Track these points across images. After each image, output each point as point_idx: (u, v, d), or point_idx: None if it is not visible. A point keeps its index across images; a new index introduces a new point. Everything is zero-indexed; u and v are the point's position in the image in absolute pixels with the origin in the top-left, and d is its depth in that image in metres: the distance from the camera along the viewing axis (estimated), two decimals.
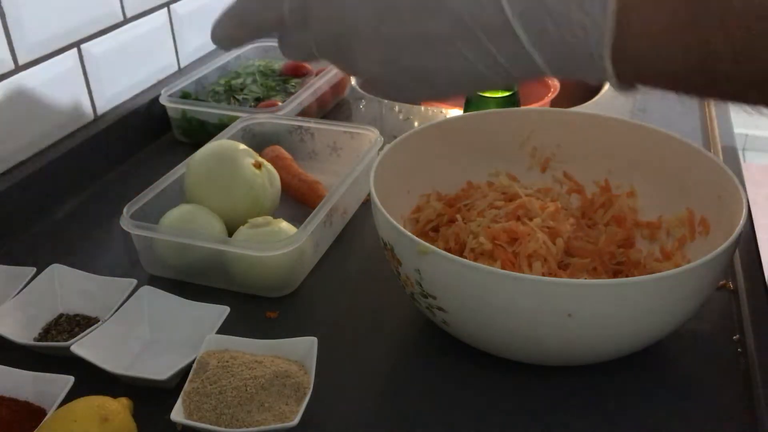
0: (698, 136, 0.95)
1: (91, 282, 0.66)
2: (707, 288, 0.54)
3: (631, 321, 0.52)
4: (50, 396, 0.54)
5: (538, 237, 0.61)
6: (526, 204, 0.64)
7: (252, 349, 0.58)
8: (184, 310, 0.63)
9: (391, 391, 0.58)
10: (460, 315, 0.55)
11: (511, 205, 0.65)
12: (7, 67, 0.78)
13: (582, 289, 0.50)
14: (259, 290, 0.68)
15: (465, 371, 0.60)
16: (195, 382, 0.54)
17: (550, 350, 0.55)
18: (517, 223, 0.62)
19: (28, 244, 0.77)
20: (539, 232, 0.62)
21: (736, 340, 0.62)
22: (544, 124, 0.73)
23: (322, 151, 0.88)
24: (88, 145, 0.87)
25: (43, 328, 0.63)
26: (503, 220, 0.64)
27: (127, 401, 0.53)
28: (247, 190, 0.73)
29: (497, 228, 0.62)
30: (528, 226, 0.62)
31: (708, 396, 0.57)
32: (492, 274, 0.51)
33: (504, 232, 0.61)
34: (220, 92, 1.01)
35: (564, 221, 0.64)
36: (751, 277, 0.67)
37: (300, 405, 0.53)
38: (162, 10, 1.01)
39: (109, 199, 0.85)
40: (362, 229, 0.79)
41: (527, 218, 0.64)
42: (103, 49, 0.91)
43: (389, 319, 0.66)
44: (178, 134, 0.99)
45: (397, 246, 0.56)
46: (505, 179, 0.73)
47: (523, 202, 0.65)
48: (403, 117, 1.06)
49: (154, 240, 0.69)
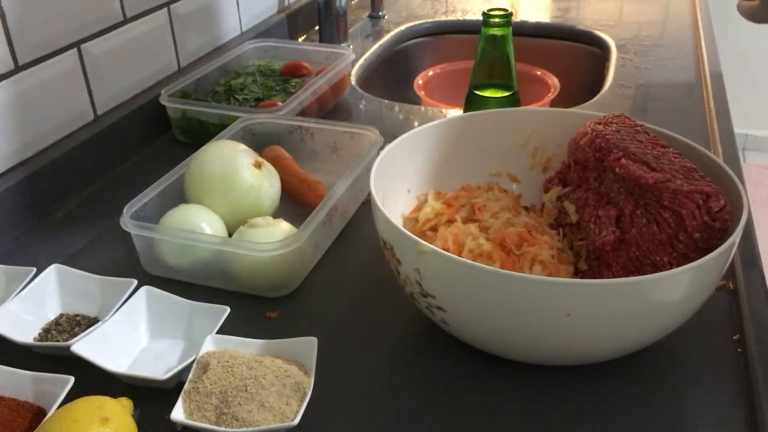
0: (698, 136, 0.95)
1: (91, 282, 0.66)
2: (707, 288, 0.54)
3: (630, 321, 0.52)
4: (50, 396, 0.54)
5: (550, 252, 0.62)
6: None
7: (252, 349, 0.58)
8: (184, 310, 0.63)
9: (391, 391, 0.58)
10: (460, 314, 0.55)
11: (529, 218, 0.66)
12: (7, 67, 0.78)
13: (581, 289, 0.50)
14: (259, 290, 0.68)
15: (465, 371, 0.60)
16: (195, 382, 0.54)
17: (549, 350, 0.55)
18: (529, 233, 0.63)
19: (28, 244, 0.78)
20: (550, 249, 0.62)
21: (736, 340, 0.62)
22: (544, 124, 0.73)
23: (322, 151, 0.88)
24: (88, 145, 0.87)
25: (43, 328, 0.64)
26: (519, 225, 0.64)
27: (127, 401, 0.53)
28: (247, 190, 0.73)
29: (512, 231, 0.62)
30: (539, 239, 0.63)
31: (708, 396, 0.57)
32: (492, 274, 0.51)
33: (517, 236, 0.62)
34: (220, 92, 1.01)
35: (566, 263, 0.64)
36: (751, 277, 0.67)
37: (300, 405, 0.53)
38: (162, 10, 1.01)
39: (109, 199, 0.85)
40: (362, 229, 0.79)
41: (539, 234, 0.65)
42: (103, 49, 0.91)
43: (389, 319, 0.66)
44: (178, 134, 0.99)
45: (396, 246, 0.56)
46: (505, 179, 0.73)
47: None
48: (403, 117, 1.06)
49: (154, 240, 0.69)
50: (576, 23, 1.42)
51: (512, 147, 0.74)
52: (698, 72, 1.16)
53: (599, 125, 0.66)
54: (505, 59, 0.81)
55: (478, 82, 0.84)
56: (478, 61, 0.82)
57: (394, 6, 1.55)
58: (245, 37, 1.18)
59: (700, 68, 1.17)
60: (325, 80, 1.02)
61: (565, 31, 1.42)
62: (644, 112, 1.03)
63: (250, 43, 1.13)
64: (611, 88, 1.12)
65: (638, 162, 0.60)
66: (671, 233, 0.57)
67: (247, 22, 1.22)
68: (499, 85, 0.83)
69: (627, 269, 0.60)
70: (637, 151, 0.61)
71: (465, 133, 0.73)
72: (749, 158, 2.90)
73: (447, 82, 1.31)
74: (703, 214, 0.56)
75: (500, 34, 0.80)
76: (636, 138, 0.64)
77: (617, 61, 1.23)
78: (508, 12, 0.80)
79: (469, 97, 0.85)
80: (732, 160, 0.89)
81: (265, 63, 1.11)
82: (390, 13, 1.50)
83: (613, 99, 1.09)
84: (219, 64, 1.06)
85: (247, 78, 1.05)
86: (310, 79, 1.03)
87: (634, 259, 0.59)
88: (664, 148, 0.63)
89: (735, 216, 0.56)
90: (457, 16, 1.49)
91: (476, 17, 1.46)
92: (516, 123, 0.73)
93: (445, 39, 1.48)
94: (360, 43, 1.35)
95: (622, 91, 1.11)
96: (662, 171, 0.58)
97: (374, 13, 1.48)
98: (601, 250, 0.62)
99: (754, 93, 2.77)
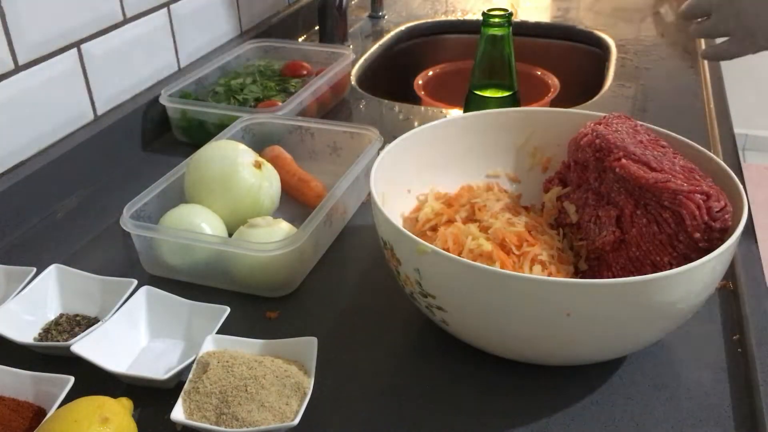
0: (698, 136, 0.95)
1: (91, 282, 0.66)
2: (707, 288, 0.54)
3: (630, 321, 0.52)
4: (50, 396, 0.54)
5: (550, 252, 0.62)
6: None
7: (252, 349, 0.58)
8: (184, 310, 0.63)
9: (391, 391, 0.58)
10: (460, 314, 0.55)
11: (529, 218, 0.66)
12: (7, 67, 0.78)
13: (581, 289, 0.50)
14: (259, 290, 0.68)
15: (465, 371, 0.60)
16: (195, 382, 0.54)
17: (549, 350, 0.55)
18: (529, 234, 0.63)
19: (28, 244, 0.78)
20: (550, 249, 0.62)
21: (736, 340, 0.62)
22: (544, 124, 0.73)
23: (322, 151, 0.88)
24: (88, 145, 0.87)
25: (43, 328, 0.64)
26: (519, 226, 0.64)
27: (127, 401, 0.53)
28: (247, 189, 0.73)
29: (512, 231, 0.62)
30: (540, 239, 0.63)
31: (708, 396, 0.57)
32: (491, 274, 0.51)
33: (517, 236, 0.62)
34: (220, 92, 1.01)
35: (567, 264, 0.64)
36: (751, 277, 0.67)
37: (300, 405, 0.53)
38: (162, 10, 1.01)
39: (109, 199, 0.85)
40: (362, 229, 0.79)
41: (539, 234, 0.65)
42: (103, 49, 0.91)
43: (389, 319, 0.66)
44: (178, 134, 0.99)
45: (396, 246, 0.56)
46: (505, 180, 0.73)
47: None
48: (403, 117, 1.06)
49: (154, 240, 0.69)
50: (576, 23, 1.42)
51: (512, 147, 0.74)
52: (698, 72, 1.16)
53: (599, 125, 0.66)
54: (505, 59, 0.81)
55: (478, 82, 0.84)
56: (478, 61, 0.82)
57: (394, 6, 1.55)
58: (245, 37, 1.18)
59: (700, 68, 1.17)
60: (325, 80, 1.02)
61: (565, 31, 1.42)
62: (644, 112, 1.03)
63: (250, 43, 1.13)
64: (611, 88, 1.12)
65: (638, 162, 0.60)
66: (671, 233, 0.57)
67: (247, 22, 1.22)
68: (499, 85, 0.83)
69: (627, 269, 0.60)
70: (637, 151, 0.61)
71: (465, 133, 0.73)
72: (749, 158, 2.90)
73: (447, 82, 1.31)
74: (703, 214, 0.55)
75: (500, 34, 0.80)
76: (636, 138, 0.64)
77: (617, 61, 1.23)
78: (508, 12, 0.80)
79: (469, 97, 0.85)
80: (732, 160, 0.89)
81: (265, 63, 1.11)
82: (390, 13, 1.50)
83: (613, 99, 1.08)
84: (219, 64, 1.06)
85: (247, 78, 1.05)
86: (310, 79, 1.03)
87: (634, 259, 0.59)
88: (664, 148, 0.63)
89: (735, 216, 0.56)
90: (457, 16, 1.49)
91: (476, 17, 1.46)
92: (516, 123, 0.73)
93: (445, 39, 1.47)
94: (360, 43, 1.35)
95: (622, 91, 1.11)
96: (662, 171, 0.58)
97: (374, 13, 1.48)
98: (601, 250, 0.62)
99: (754, 93, 2.77)
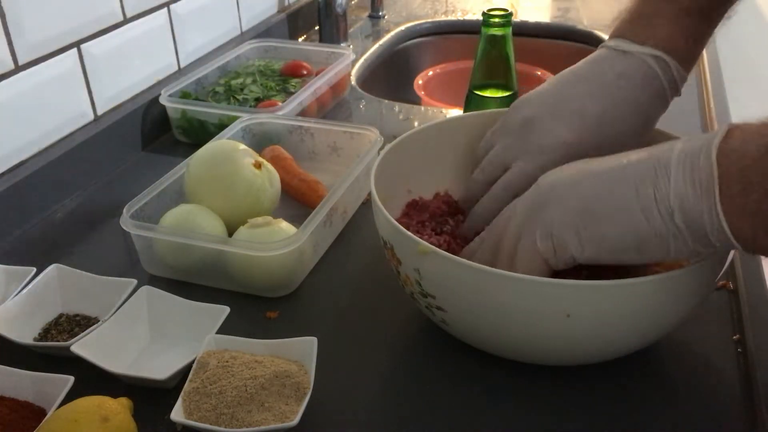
0: None
1: (91, 282, 0.66)
2: (706, 288, 0.54)
3: (630, 321, 0.52)
4: (50, 396, 0.54)
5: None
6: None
7: (252, 349, 0.58)
8: (184, 310, 0.63)
9: (391, 391, 0.58)
10: (460, 314, 0.55)
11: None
12: (7, 67, 0.78)
13: (581, 289, 0.50)
14: (259, 290, 0.68)
15: (465, 371, 0.60)
16: (195, 382, 0.54)
17: (549, 350, 0.55)
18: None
19: (28, 244, 0.78)
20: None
21: (736, 340, 0.62)
22: None
23: (322, 151, 0.88)
24: (88, 145, 0.87)
25: (43, 328, 0.64)
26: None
27: (127, 401, 0.53)
28: (247, 190, 0.73)
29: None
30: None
31: (707, 396, 0.57)
32: (491, 274, 0.51)
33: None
34: (220, 92, 1.01)
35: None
36: (751, 277, 0.67)
37: (300, 405, 0.53)
38: (162, 10, 1.01)
39: (109, 199, 0.85)
40: (362, 229, 0.79)
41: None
42: (103, 49, 0.91)
43: (389, 319, 0.66)
44: (178, 134, 0.99)
45: (397, 245, 0.56)
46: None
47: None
48: (403, 117, 1.06)
49: (154, 240, 0.69)
50: (576, 23, 1.42)
51: None
52: (698, 71, 1.16)
53: None
54: (505, 59, 0.81)
55: (478, 82, 0.84)
56: (478, 61, 0.82)
57: (394, 6, 1.55)
58: (245, 37, 1.18)
59: (700, 68, 1.17)
60: (325, 80, 1.02)
61: (565, 31, 1.42)
62: None
63: (250, 43, 1.13)
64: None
65: None
66: None
67: (247, 22, 1.22)
68: (499, 85, 0.83)
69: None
70: None
71: (465, 132, 0.73)
72: None
73: (447, 82, 1.31)
74: None
75: (500, 34, 0.80)
76: None
77: None
78: (508, 12, 0.80)
79: (469, 97, 0.85)
80: None
81: (265, 63, 1.11)
82: (390, 13, 1.50)
83: None
84: (219, 64, 1.06)
85: (247, 78, 1.05)
86: (310, 79, 1.03)
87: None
88: None
89: None
90: (457, 16, 1.49)
91: (476, 17, 1.46)
92: None
93: (445, 39, 1.48)
94: (360, 43, 1.35)
95: None
96: None
97: (374, 13, 1.48)
98: None
99: (754, 93, 2.77)
